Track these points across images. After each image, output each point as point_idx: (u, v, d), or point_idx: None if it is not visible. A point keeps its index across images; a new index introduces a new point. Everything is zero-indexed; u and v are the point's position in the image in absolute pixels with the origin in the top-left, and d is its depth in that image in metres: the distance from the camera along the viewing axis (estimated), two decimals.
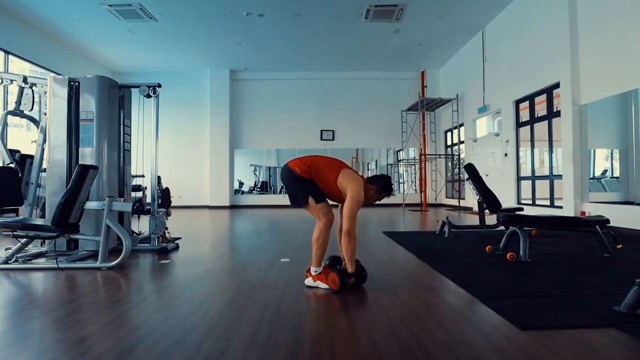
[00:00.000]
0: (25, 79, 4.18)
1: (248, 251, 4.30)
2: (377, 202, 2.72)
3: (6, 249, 3.51)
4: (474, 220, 6.81)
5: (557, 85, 6.44)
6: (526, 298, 2.30)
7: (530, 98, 7.40)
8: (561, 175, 6.32)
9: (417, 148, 11.88)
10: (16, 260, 3.40)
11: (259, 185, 13.41)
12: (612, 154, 7.80)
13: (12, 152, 4.38)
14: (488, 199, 4.78)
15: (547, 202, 6.95)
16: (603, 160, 7.87)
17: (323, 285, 2.52)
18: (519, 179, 7.87)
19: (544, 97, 7.07)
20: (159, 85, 4.26)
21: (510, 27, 7.85)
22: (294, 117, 11.93)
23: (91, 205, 3.50)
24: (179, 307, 2.23)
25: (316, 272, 2.57)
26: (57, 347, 1.66)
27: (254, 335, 1.77)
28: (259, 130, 12.10)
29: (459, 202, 9.91)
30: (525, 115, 7.67)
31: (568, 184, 6.06)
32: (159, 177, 4.70)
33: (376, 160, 14.83)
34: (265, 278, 2.86)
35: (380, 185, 2.65)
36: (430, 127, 11.87)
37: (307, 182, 2.55)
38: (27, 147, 4.90)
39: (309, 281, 2.59)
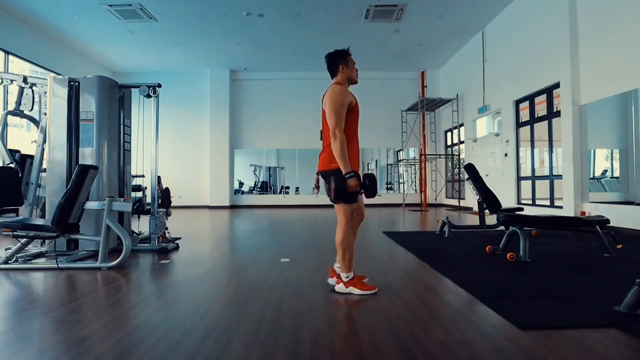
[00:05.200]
0: (25, 79, 4.18)
1: (248, 251, 4.29)
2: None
3: (6, 249, 3.51)
4: (474, 220, 6.81)
5: (557, 85, 6.44)
6: (526, 298, 2.30)
7: (530, 98, 7.40)
8: (561, 175, 6.32)
9: (417, 148, 11.88)
10: (16, 260, 3.40)
11: (259, 186, 13.41)
12: (612, 154, 7.80)
13: (12, 152, 4.39)
14: (488, 199, 4.78)
15: (547, 202, 6.96)
16: (603, 160, 7.87)
17: (357, 291, 2.38)
18: (519, 179, 7.87)
19: (544, 97, 7.07)
20: (159, 85, 4.26)
21: (510, 27, 7.85)
22: (294, 117, 11.93)
23: (91, 205, 3.50)
24: (179, 307, 2.23)
25: (348, 277, 2.41)
26: (57, 347, 1.66)
27: (254, 335, 1.77)
28: (259, 130, 12.10)
29: (459, 202, 9.90)
30: (525, 115, 7.67)
31: (568, 184, 6.06)
32: (159, 177, 4.70)
33: (376, 160, 14.83)
34: (265, 278, 2.86)
35: (341, 58, 2.46)
36: (430, 127, 11.87)
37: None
38: (27, 147, 4.90)
39: (340, 287, 2.44)
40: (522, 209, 5.08)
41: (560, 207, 6.33)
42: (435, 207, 10.95)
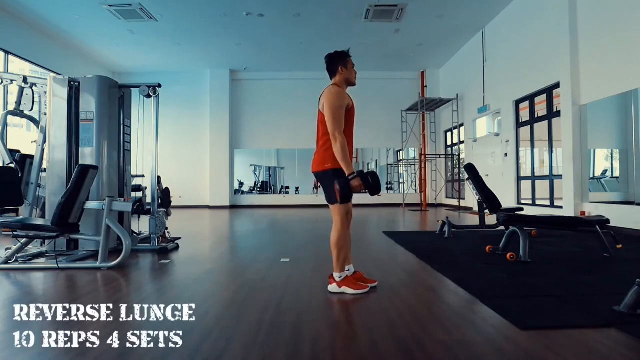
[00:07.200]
0: (25, 79, 4.18)
1: (248, 251, 4.30)
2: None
3: (6, 249, 3.50)
4: (474, 220, 6.80)
5: (557, 85, 6.44)
6: (526, 298, 2.30)
7: (530, 98, 7.40)
8: (561, 175, 6.32)
9: (417, 148, 11.88)
10: (16, 260, 3.40)
11: (259, 185, 13.41)
12: (612, 154, 7.81)
13: (12, 152, 4.38)
14: (488, 199, 4.77)
15: (547, 202, 6.95)
16: (603, 160, 7.88)
17: (350, 291, 2.38)
18: (519, 179, 7.86)
19: (544, 97, 7.07)
20: (159, 85, 4.26)
21: (510, 27, 7.85)
22: (294, 117, 11.92)
23: (91, 205, 3.50)
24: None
25: (340, 277, 2.41)
26: (57, 347, 1.65)
27: (254, 335, 1.77)
28: (259, 130, 12.10)
29: (459, 202, 9.90)
30: (525, 115, 7.67)
31: (568, 184, 6.05)
32: (159, 177, 4.70)
33: (376, 160, 14.83)
34: (265, 278, 2.86)
35: (340, 59, 2.47)
36: (430, 127, 11.86)
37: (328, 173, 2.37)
38: (27, 147, 4.90)
39: (333, 287, 2.43)
40: (522, 209, 5.07)
41: (560, 207, 6.33)
42: (435, 207, 10.95)
